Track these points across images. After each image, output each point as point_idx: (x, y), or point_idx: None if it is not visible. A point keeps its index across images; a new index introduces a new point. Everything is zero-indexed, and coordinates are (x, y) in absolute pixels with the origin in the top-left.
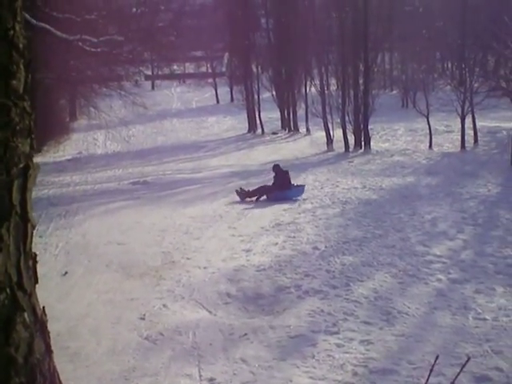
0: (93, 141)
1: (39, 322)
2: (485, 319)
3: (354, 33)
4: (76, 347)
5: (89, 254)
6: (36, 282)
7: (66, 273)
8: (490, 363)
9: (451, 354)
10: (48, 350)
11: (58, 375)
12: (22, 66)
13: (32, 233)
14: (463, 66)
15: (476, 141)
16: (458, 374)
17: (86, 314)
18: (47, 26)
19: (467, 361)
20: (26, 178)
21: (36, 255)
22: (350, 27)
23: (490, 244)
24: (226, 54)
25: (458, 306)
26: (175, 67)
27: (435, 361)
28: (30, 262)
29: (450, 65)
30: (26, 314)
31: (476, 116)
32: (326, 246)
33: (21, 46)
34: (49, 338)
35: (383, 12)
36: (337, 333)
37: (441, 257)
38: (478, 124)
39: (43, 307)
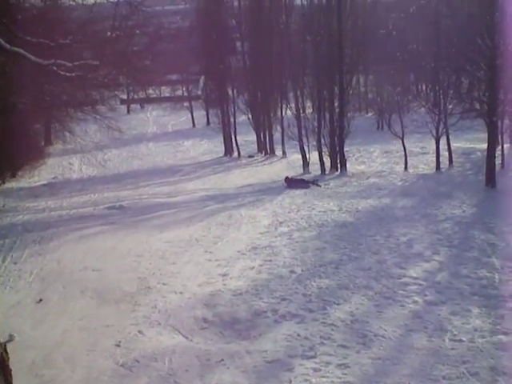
0: (68, 165)
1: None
2: (461, 341)
3: (329, 56)
4: (51, 375)
5: (64, 280)
6: None
7: (41, 300)
8: None
9: (428, 377)
10: None
11: None
12: None
13: None
14: (437, 88)
15: (451, 162)
16: None
17: (61, 342)
18: (21, 51)
19: None
20: None
21: None
22: (325, 51)
23: (466, 265)
24: (202, 78)
25: (434, 328)
26: (151, 91)
27: None
28: None
29: (424, 87)
30: None
31: (450, 137)
32: (302, 270)
33: None
34: (10, 376)
35: (357, 35)
36: (313, 357)
37: (417, 279)
38: (453, 145)
39: (4, 344)
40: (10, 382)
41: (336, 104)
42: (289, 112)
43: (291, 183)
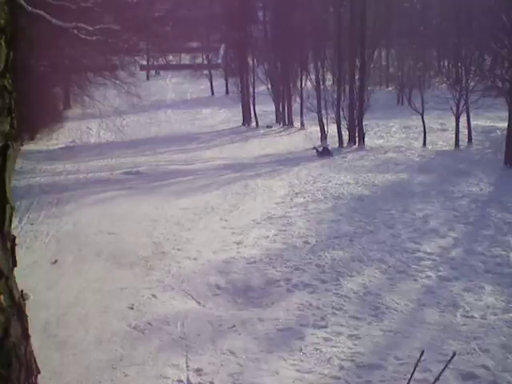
0: (86, 130)
1: (16, 306)
2: (473, 317)
3: (351, 28)
4: (64, 335)
5: (79, 242)
6: (14, 265)
7: (56, 261)
8: (476, 361)
9: (438, 351)
10: (25, 335)
11: (34, 360)
12: (2, 43)
13: (11, 214)
14: (459, 64)
15: (470, 140)
16: (443, 370)
17: (75, 303)
18: (42, 13)
19: (452, 357)
20: (4, 157)
21: (15, 237)
22: (348, 23)
23: (481, 243)
24: (222, 46)
25: (447, 304)
26: (171, 57)
27: (420, 356)
28: (8, 245)
29: (446, 63)
30: (1, 298)
31: (471, 115)
32: (316, 241)
33: (1, 21)
34: (26, 322)
35: (381, 8)
36: (325, 327)
37: (431, 254)
38: (473, 123)
39: (21, 291)
40: (26, 328)
41: (356, 77)
42: (308, 83)
43: (321, 153)
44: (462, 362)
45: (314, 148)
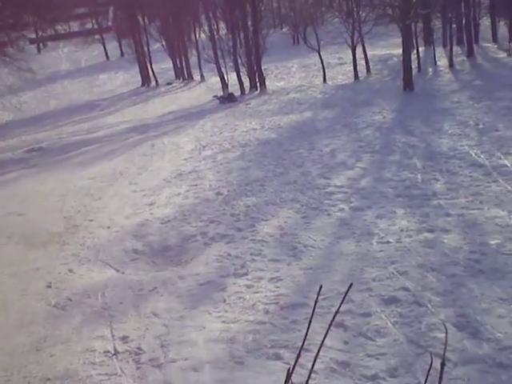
0: None
1: None
2: (388, 242)
3: None
4: None
5: None
6: None
7: None
8: (396, 285)
9: (358, 280)
10: None
11: None
12: None
13: None
14: None
15: (368, 70)
16: (341, 302)
17: None
18: None
19: (349, 287)
20: None
21: None
22: None
23: (388, 169)
24: (111, 8)
25: (362, 233)
26: (59, 27)
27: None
28: None
29: None
30: None
31: (366, 45)
32: (228, 191)
33: None
34: None
35: None
36: (245, 274)
37: (341, 187)
38: (369, 53)
39: None
40: None
41: (249, 22)
42: (203, 35)
43: (224, 100)
44: (383, 288)
45: (215, 96)
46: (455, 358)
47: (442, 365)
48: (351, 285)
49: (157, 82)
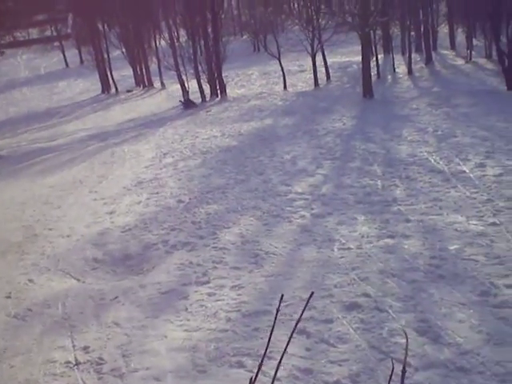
0: None
1: None
2: (349, 248)
3: None
4: None
5: None
6: None
7: None
8: (357, 290)
9: (320, 287)
10: None
11: None
12: None
13: None
14: (309, 4)
15: (328, 77)
16: (303, 311)
17: None
18: None
19: (310, 295)
20: None
21: None
22: None
23: (349, 175)
24: (70, 15)
25: (323, 240)
26: (18, 34)
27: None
28: None
29: (296, 4)
30: None
31: (326, 53)
32: (190, 198)
33: None
34: None
35: None
36: (207, 282)
37: (302, 194)
38: (329, 60)
39: None
40: None
41: (210, 29)
42: (163, 42)
43: (187, 105)
44: (344, 294)
45: (181, 101)
46: (416, 363)
47: (403, 370)
48: (312, 293)
49: (117, 89)
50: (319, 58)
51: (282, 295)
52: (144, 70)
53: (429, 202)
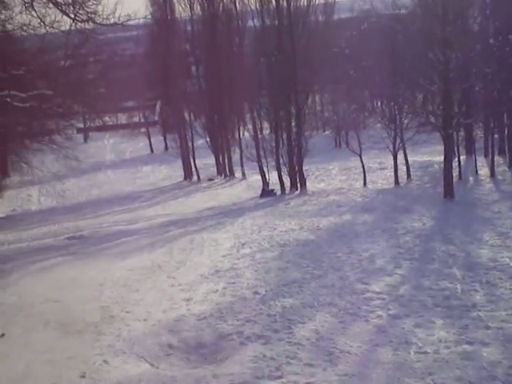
0: (26, 197)
1: None
2: (426, 352)
3: (283, 76)
4: None
5: (25, 313)
6: None
7: (3, 334)
8: None
9: None
10: None
11: None
12: None
13: None
14: (392, 103)
15: (409, 176)
16: None
17: (25, 376)
18: None
19: None
20: None
21: None
22: (279, 71)
23: (428, 277)
24: (158, 103)
25: (399, 342)
26: (107, 118)
27: None
28: None
29: (379, 103)
30: None
31: (408, 151)
32: (266, 290)
33: None
34: None
35: (311, 55)
36: (280, 377)
37: (380, 293)
38: (410, 159)
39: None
40: None
41: (293, 123)
42: (246, 133)
43: (265, 193)
44: None
45: (263, 189)
46: None
47: None
48: None
49: (199, 177)
50: (400, 156)
51: None
52: (226, 160)
53: (509, 309)
